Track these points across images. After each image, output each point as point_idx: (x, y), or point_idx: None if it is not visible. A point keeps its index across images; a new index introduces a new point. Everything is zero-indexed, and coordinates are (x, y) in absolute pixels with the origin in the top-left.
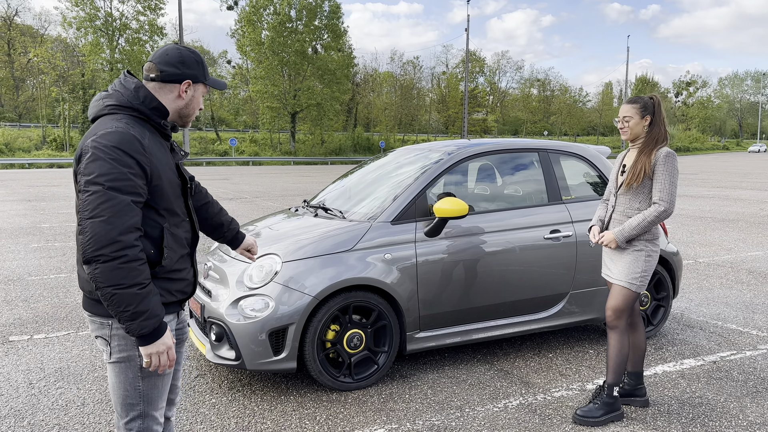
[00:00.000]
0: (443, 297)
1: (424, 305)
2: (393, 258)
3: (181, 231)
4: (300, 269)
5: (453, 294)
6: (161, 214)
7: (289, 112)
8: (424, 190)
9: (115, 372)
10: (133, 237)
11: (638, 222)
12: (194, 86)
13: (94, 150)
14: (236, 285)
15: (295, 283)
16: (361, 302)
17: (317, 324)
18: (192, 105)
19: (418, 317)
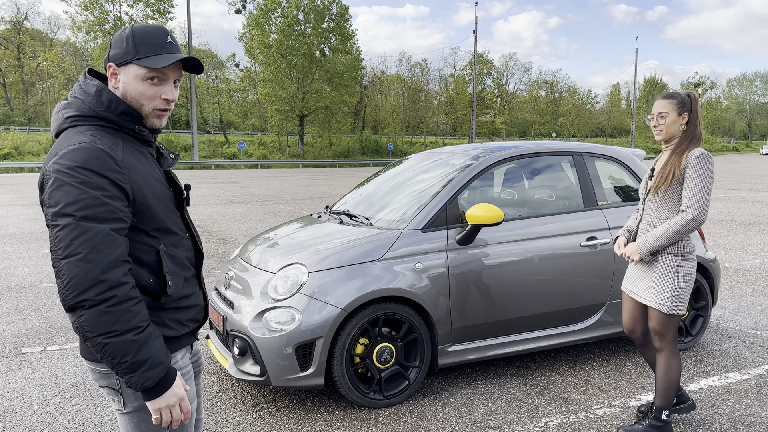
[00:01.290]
0: (476, 308)
1: (456, 317)
2: (424, 267)
3: (181, 250)
4: (327, 280)
5: (487, 305)
6: (153, 236)
7: (297, 115)
8: (455, 196)
9: (133, 424)
10: (120, 273)
11: (662, 232)
12: (122, 69)
13: (57, 174)
14: (260, 296)
15: (323, 295)
16: (391, 314)
17: (346, 338)
18: (131, 95)
19: (451, 330)
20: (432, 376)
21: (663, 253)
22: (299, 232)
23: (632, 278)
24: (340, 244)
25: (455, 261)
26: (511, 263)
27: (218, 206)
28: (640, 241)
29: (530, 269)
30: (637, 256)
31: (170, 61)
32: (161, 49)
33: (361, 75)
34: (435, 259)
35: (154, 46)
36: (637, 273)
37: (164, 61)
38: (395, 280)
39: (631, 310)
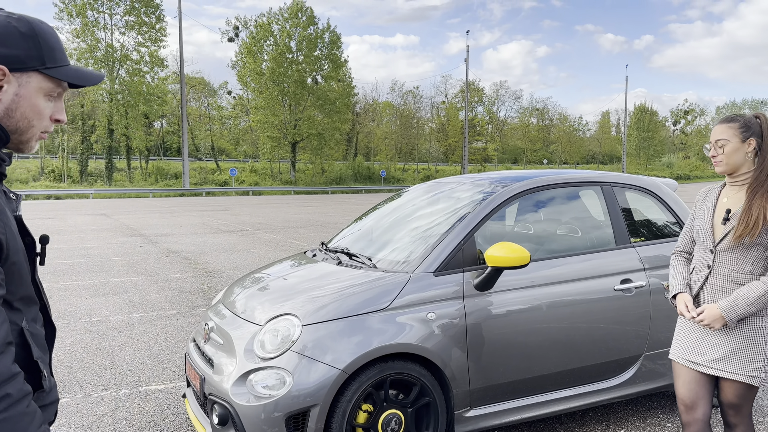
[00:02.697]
0: (498, 365)
1: (475, 376)
2: (437, 317)
3: (38, 326)
4: (323, 334)
5: (509, 361)
6: (17, 308)
7: (289, 142)
8: (471, 233)
9: None
10: (7, 361)
11: (759, 294)
12: (18, 76)
13: None
14: (245, 354)
15: (319, 353)
16: (399, 375)
17: (346, 405)
18: (22, 111)
19: (468, 391)
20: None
21: (754, 316)
22: (291, 273)
23: (693, 345)
24: (337, 290)
25: (473, 309)
26: (537, 311)
27: (206, 235)
28: (726, 305)
29: (560, 317)
30: (720, 323)
31: (100, 79)
32: (65, 57)
33: (354, 102)
34: (449, 307)
35: (60, 52)
36: (705, 339)
37: (88, 78)
38: (404, 334)
39: (692, 384)
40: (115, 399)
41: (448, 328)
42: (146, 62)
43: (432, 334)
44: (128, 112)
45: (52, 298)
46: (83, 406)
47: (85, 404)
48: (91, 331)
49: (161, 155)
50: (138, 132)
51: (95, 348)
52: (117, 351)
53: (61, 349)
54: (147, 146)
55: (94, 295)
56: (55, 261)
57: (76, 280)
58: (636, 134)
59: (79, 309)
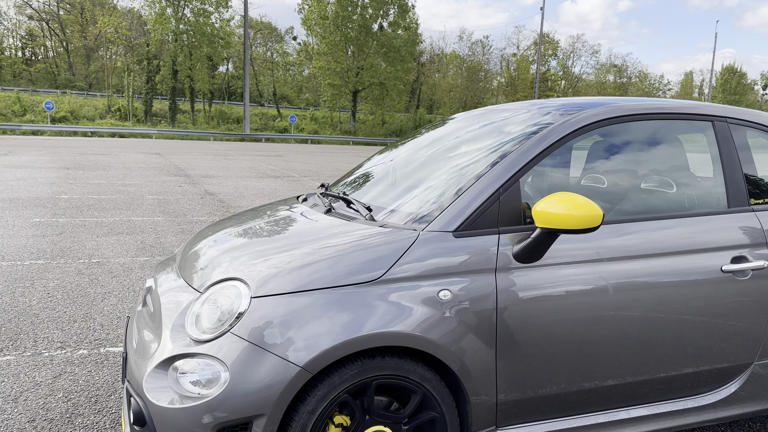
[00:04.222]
0: (542, 369)
1: (506, 383)
2: (453, 297)
3: None
4: (280, 312)
5: (560, 364)
6: None
7: (350, 90)
8: (514, 179)
9: None
10: None
11: None
12: None
13: None
14: (172, 332)
15: (271, 339)
16: (391, 378)
17: (307, 417)
18: None
19: (495, 405)
20: None
21: None
22: (263, 223)
23: None
24: (311, 251)
25: (509, 288)
26: (602, 295)
27: (251, 179)
28: None
29: (636, 305)
30: None
31: None
32: None
33: (419, 51)
34: (474, 283)
35: None
36: None
37: None
38: (400, 319)
39: None
40: (66, 362)
41: (469, 314)
42: (211, 2)
43: (443, 321)
44: (192, 54)
45: (62, 234)
46: (24, 368)
47: (27, 366)
48: (82, 274)
49: (225, 99)
50: (202, 74)
51: (77, 294)
52: (99, 300)
53: (38, 293)
54: (210, 89)
55: (108, 233)
56: (86, 196)
57: (97, 217)
58: (721, 97)
59: (83, 248)
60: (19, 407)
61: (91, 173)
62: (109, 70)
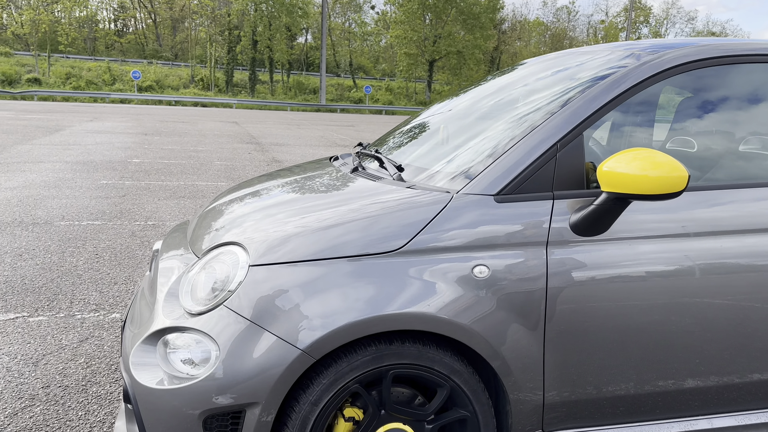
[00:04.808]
0: (605, 366)
1: (558, 381)
2: (492, 274)
3: None
4: (282, 283)
5: (627, 361)
6: None
7: (427, 60)
8: (575, 131)
9: None
10: None
11: None
12: None
13: None
14: (165, 300)
15: (269, 316)
16: (412, 368)
17: (309, 409)
18: None
19: (542, 405)
20: None
21: None
22: (284, 184)
23: None
24: (326, 216)
25: (564, 265)
26: (685, 277)
27: (319, 148)
28: None
29: (727, 291)
30: None
31: None
32: None
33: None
34: (518, 258)
35: None
36: None
37: None
38: (424, 297)
39: None
40: (96, 325)
41: (511, 296)
42: None
43: (478, 303)
44: (271, 24)
45: (125, 197)
46: (53, 330)
47: (56, 328)
48: (135, 236)
49: (303, 70)
50: (280, 44)
51: (124, 256)
52: (144, 263)
53: (87, 253)
54: (289, 60)
55: (169, 197)
56: (157, 160)
57: (163, 180)
58: None
59: (142, 210)
60: (37, 371)
61: (167, 139)
62: (192, 41)
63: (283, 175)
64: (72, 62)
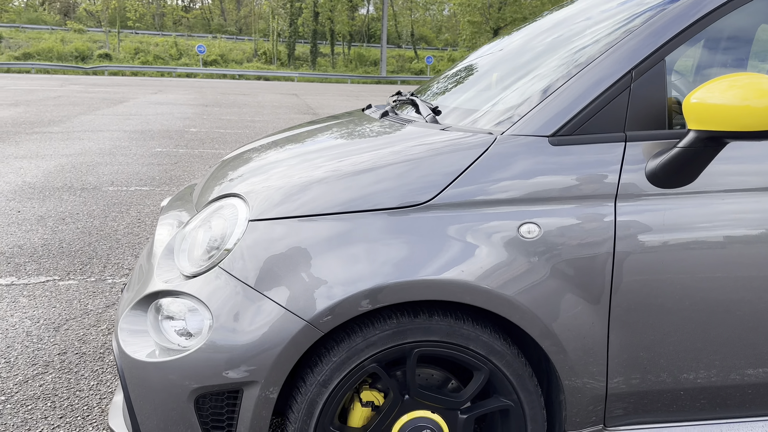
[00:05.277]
0: (686, 351)
1: (624, 367)
2: (544, 237)
3: None
4: (286, 243)
5: (715, 346)
6: None
7: (491, 28)
8: (655, 56)
9: None
10: None
11: None
12: None
13: None
14: (161, 259)
15: (269, 280)
16: (440, 346)
17: (317, 390)
18: None
19: (605, 396)
20: None
21: None
22: (309, 135)
23: None
24: (344, 167)
25: (638, 227)
26: None
27: None
28: None
29: None
30: None
31: None
32: None
33: None
34: (578, 215)
35: None
36: None
37: None
38: (457, 261)
39: None
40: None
41: (568, 261)
42: None
43: (525, 270)
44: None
45: (176, 164)
46: (81, 294)
47: (84, 292)
48: None
49: (365, 42)
50: (341, 16)
51: None
52: None
53: (129, 218)
54: (350, 31)
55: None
56: (213, 130)
57: (216, 149)
58: None
59: (191, 177)
60: (57, 337)
61: (226, 110)
62: (256, 15)
63: (320, 123)
64: (140, 38)
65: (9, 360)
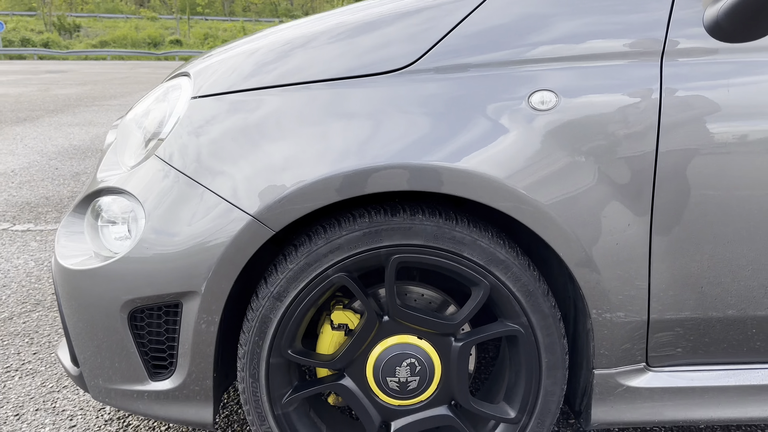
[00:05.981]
0: (754, 270)
1: (672, 288)
2: (562, 107)
3: None
4: (232, 121)
5: None
6: None
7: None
8: None
9: None
10: None
11: None
12: None
13: None
14: (110, 153)
15: (211, 167)
16: (426, 253)
17: (271, 304)
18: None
19: (646, 325)
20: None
21: None
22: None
23: None
24: (316, 31)
25: (691, 94)
26: None
27: None
28: None
29: None
30: None
31: None
32: None
33: None
34: (610, 78)
35: None
36: None
37: None
38: (447, 142)
39: None
40: None
41: (595, 143)
42: None
43: (537, 152)
44: None
45: None
46: None
47: None
48: None
49: None
50: None
51: None
52: None
53: None
54: None
55: None
56: None
57: None
58: None
59: None
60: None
61: None
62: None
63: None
64: (210, 23)
65: (1, 298)
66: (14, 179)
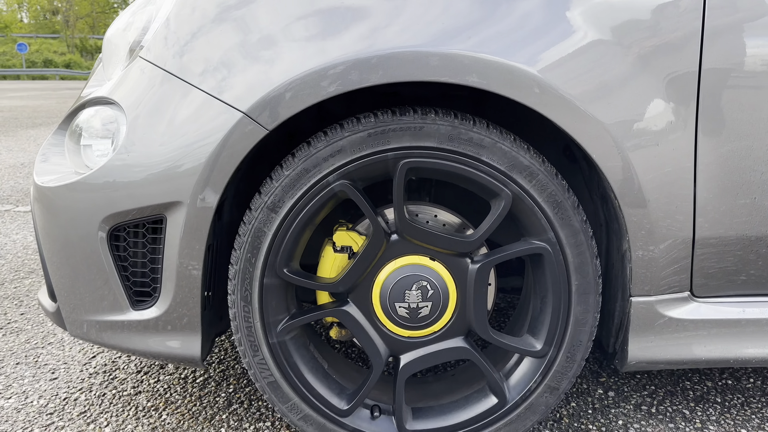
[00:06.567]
0: None
1: (724, 201)
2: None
3: None
4: (223, 7)
5: None
6: None
7: None
8: None
9: None
10: None
11: None
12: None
13: None
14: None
15: (197, 62)
16: (439, 158)
17: (265, 216)
18: None
19: (691, 246)
20: (601, 382)
21: None
22: None
23: None
24: None
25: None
26: None
27: None
28: None
29: None
30: None
31: None
32: None
33: None
34: None
35: None
36: None
37: None
38: (463, 31)
39: None
40: None
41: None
42: None
43: (558, 36)
44: None
45: None
46: None
47: None
48: None
49: None
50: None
51: None
52: None
53: None
54: None
55: None
56: None
57: None
58: None
59: None
60: None
61: None
62: None
63: None
64: None
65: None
66: (22, 171)
